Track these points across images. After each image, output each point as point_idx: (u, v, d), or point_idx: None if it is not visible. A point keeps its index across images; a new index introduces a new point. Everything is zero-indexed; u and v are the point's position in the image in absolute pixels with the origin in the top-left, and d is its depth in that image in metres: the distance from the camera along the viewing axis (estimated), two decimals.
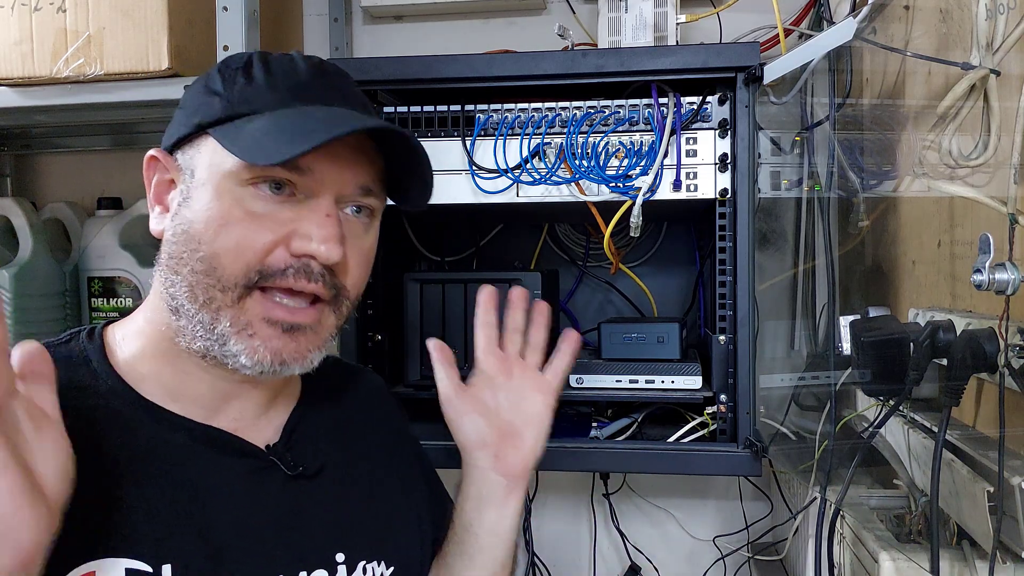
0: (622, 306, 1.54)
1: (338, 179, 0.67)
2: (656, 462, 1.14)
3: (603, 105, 1.13)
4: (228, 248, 0.63)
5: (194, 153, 0.66)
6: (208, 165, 0.65)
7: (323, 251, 0.64)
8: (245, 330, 0.64)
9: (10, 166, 1.71)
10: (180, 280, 0.65)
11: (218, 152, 0.64)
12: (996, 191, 0.82)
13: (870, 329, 0.98)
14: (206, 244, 0.64)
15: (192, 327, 0.65)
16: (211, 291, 0.64)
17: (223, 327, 0.64)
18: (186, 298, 0.65)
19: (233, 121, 0.65)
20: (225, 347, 0.65)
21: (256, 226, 0.64)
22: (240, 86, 0.66)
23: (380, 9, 1.61)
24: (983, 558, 0.82)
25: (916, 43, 1.06)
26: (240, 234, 0.63)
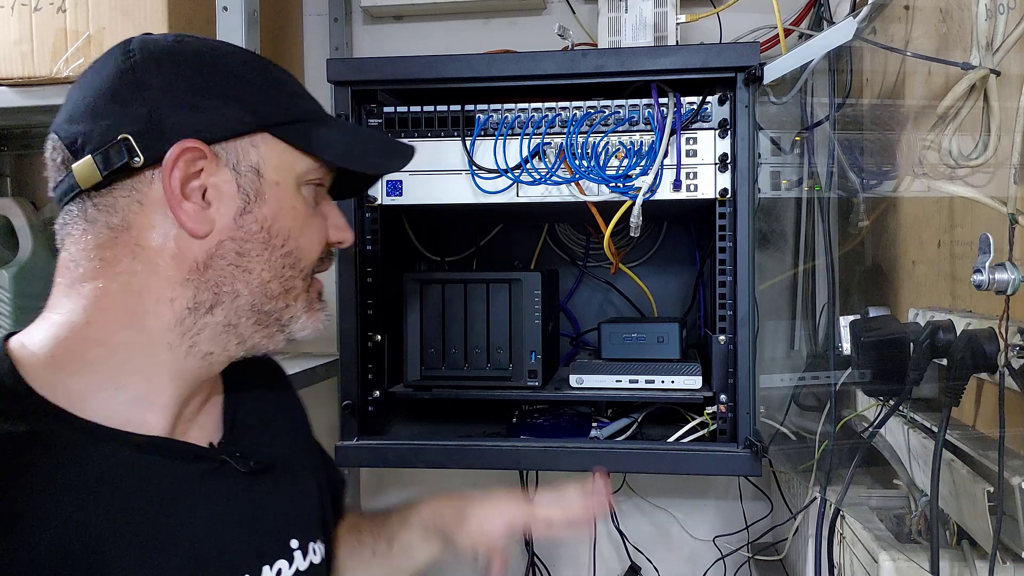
0: (622, 306, 1.54)
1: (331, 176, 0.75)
2: (656, 462, 1.14)
3: (603, 105, 1.13)
4: (311, 241, 0.70)
5: (250, 151, 0.66)
6: (278, 166, 0.67)
7: (350, 239, 0.75)
8: (313, 305, 0.72)
9: (10, 166, 1.71)
10: (249, 276, 0.66)
11: (284, 151, 0.68)
12: (996, 191, 0.82)
13: (870, 329, 0.98)
14: (293, 239, 0.68)
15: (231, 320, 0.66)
16: (292, 281, 0.69)
17: (295, 310, 0.70)
18: (251, 292, 0.66)
19: (295, 125, 0.68)
20: (288, 327, 0.70)
21: (319, 220, 0.72)
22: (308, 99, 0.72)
23: (380, 9, 1.61)
24: (983, 558, 0.82)
25: (916, 43, 1.06)
26: (314, 229, 0.71)
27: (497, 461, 1.17)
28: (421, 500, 0.91)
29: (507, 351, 1.19)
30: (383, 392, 1.23)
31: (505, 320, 1.19)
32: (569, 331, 1.54)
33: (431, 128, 1.17)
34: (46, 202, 1.61)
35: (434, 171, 1.17)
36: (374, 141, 0.79)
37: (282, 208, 0.67)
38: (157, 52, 0.65)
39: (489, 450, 1.16)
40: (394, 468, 1.65)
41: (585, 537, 1.65)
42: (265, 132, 0.66)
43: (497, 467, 1.19)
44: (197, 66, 0.66)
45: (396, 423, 1.30)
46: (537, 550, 1.65)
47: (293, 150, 0.68)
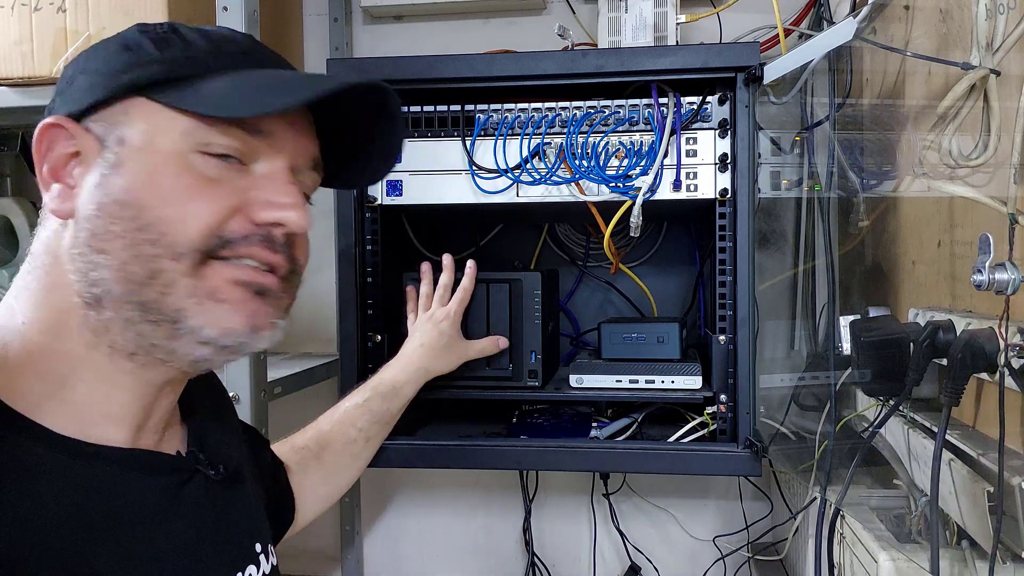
0: (622, 306, 1.54)
1: (295, 147, 0.63)
2: (656, 462, 1.14)
3: (603, 105, 1.13)
4: (181, 213, 0.56)
5: (122, 121, 0.58)
6: (147, 129, 0.58)
7: (294, 218, 0.60)
8: (210, 297, 0.58)
9: (10, 166, 1.71)
10: (106, 260, 0.56)
11: (160, 114, 0.58)
12: (996, 191, 0.82)
13: (870, 329, 0.98)
14: (150, 209, 0.56)
15: (124, 315, 0.57)
16: (158, 261, 0.56)
17: (177, 299, 0.57)
18: (115, 279, 0.56)
19: (176, 84, 0.58)
20: (179, 324, 0.57)
21: (212, 190, 0.58)
22: (179, 47, 0.60)
23: (380, 9, 1.61)
24: (983, 558, 0.82)
25: (916, 43, 1.06)
26: (195, 197, 0.57)
27: (497, 461, 1.17)
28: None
29: (507, 351, 1.19)
30: None
31: (505, 320, 1.19)
32: (569, 331, 1.54)
33: (431, 128, 1.17)
34: None
35: (434, 171, 1.17)
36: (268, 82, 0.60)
37: (141, 175, 0.57)
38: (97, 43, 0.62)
39: (489, 450, 1.16)
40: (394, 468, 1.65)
41: (585, 537, 1.65)
42: (140, 96, 0.58)
43: (497, 467, 1.19)
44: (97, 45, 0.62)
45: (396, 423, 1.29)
46: (537, 550, 1.65)
47: (171, 112, 0.58)
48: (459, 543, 1.70)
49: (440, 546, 1.71)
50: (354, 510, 1.68)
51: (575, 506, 1.66)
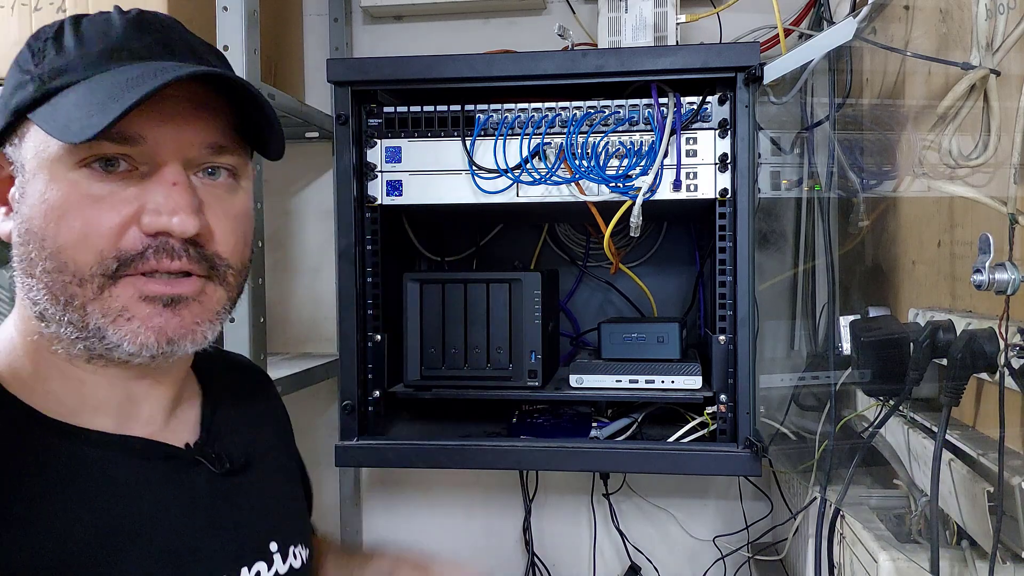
0: (622, 306, 1.54)
1: (178, 142, 0.60)
2: (656, 462, 1.14)
3: (603, 105, 1.13)
4: (73, 239, 0.57)
5: (20, 143, 0.59)
6: (35, 154, 0.58)
7: (175, 224, 0.58)
8: (121, 315, 0.58)
9: None
10: (36, 283, 0.58)
11: (39, 136, 0.57)
12: (996, 191, 0.82)
13: (870, 329, 0.98)
14: (50, 239, 0.57)
15: (63, 330, 0.59)
16: (69, 288, 0.57)
17: (95, 320, 0.58)
18: (48, 301, 0.58)
19: (50, 100, 0.58)
20: (105, 340, 0.58)
21: (98, 209, 0.57)
22: (50, 58, 0.59)
23: (380, 9, 1.61)
24: (983, 558, 0.82)
25: (916, 43, 1.06)
26: (83, 221, 0.57)
27: (497, 461, 1.17)
28: (382, 552, 0.88)
29: (507, 351, 1.19)
30: (383, 392, 1.23)
31: (505, 320, 1.19)
32: (569, 331, 1.54)
33: (431, 128, 1.17)
34: None
35: (434, 171, 1.17)
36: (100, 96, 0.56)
37: (37, 204, 0.57)
38: None
39: (489, 450, 1.16)
40: (394, 468, 1.65)
41: (585, 537, 1.65)
42: (26, 119, 0.58)
43: (497, 467, 1.19)
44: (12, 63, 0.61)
45: (396, 423, 1.30)
46: (537, 550, 1.65)
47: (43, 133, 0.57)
48: (459, 543, 1.70)
49: (440, 546, 1.71)
50: (354, 510, 1.68)
51: (575, 506, 1.66)
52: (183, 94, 0.59)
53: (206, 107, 0.61)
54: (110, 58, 0.59)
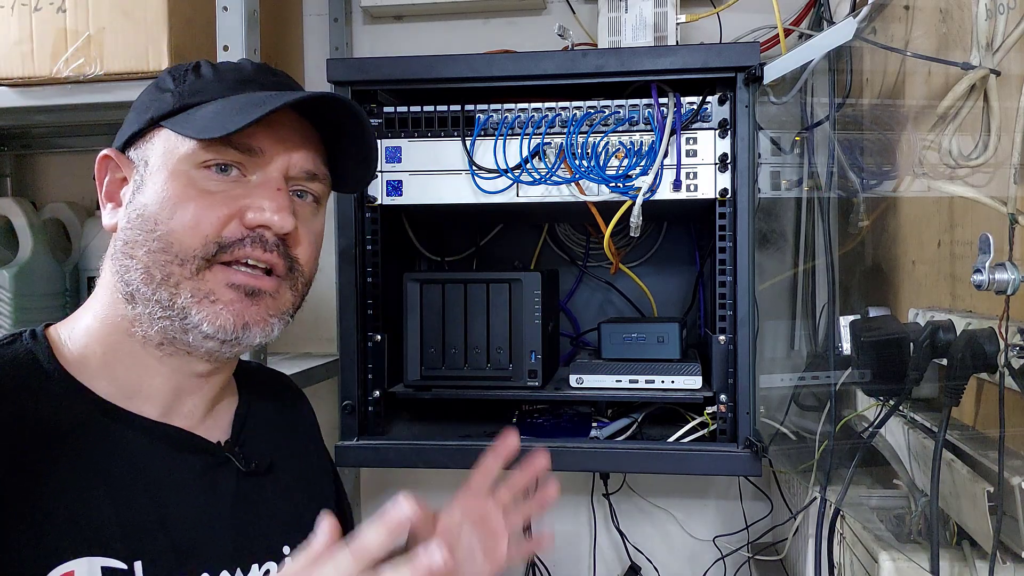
0: (622, 306, 1.54)
1: (286, 159, 0.71)
2: (656, 462, 1.14)
3: (603, 105, 1.13)
4: (184, 224, 0.66)
5: (147, 146, 0.70)
6: (162, 153, 0.69)
7: (276, 220, 0.68)
8: (207, 297, 0.67)
9: (10, 166, 1.71)
10: (135, 264, 0.67)
11: (171, 139, 0.69)
12: (996, 191, 0.82)
13: (870, 329, 0.98)
14: (163, 223, 0.66)
15: (149, 310, 0.67)
16: (169, 267, 0.66)
17: (184, 299, 0.66)
18: (142, 280, 0.67)
19: (184, 111, 0.69)
20: (186, 320, 0.66)
21: (210, 202, 0.67)
22: (190, 81, 0.71)
23: (380, 9, 1.61)
24: (983, 558, 0.82)
25: (916, 43, 1.06)
26: (195, 210, 0.67)
27: None
28: None
29: (507, 351, 1.19)
30: (383, 392, 1.23)
31: (505, 320, 1.19)
32: (569, 331, 1.54)
33: (431, 128, 1.17)
34: (46, 202, 1.61)
35: (434, 171, 1.17)
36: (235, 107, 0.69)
37: (156, 192, 0.68)
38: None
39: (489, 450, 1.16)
40: (394, 468, 1.65)
41: (585, 537, 1.65)
42: (160, 127, 0.70)
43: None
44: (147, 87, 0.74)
45: (396, 423, 1.30)
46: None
47: (178, 136, 0.68)
48: None
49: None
50: (354, 510, 1.68)
51: (575, 506, 1.66)
52: (295, 125, 0.72)
53: (309, 140, 0.73)
54: (242, 86, 0.71)
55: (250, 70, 0.74)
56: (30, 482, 0.61)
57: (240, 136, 0.67)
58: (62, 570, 0.59)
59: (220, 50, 1.13)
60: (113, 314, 0.69)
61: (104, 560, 0.62)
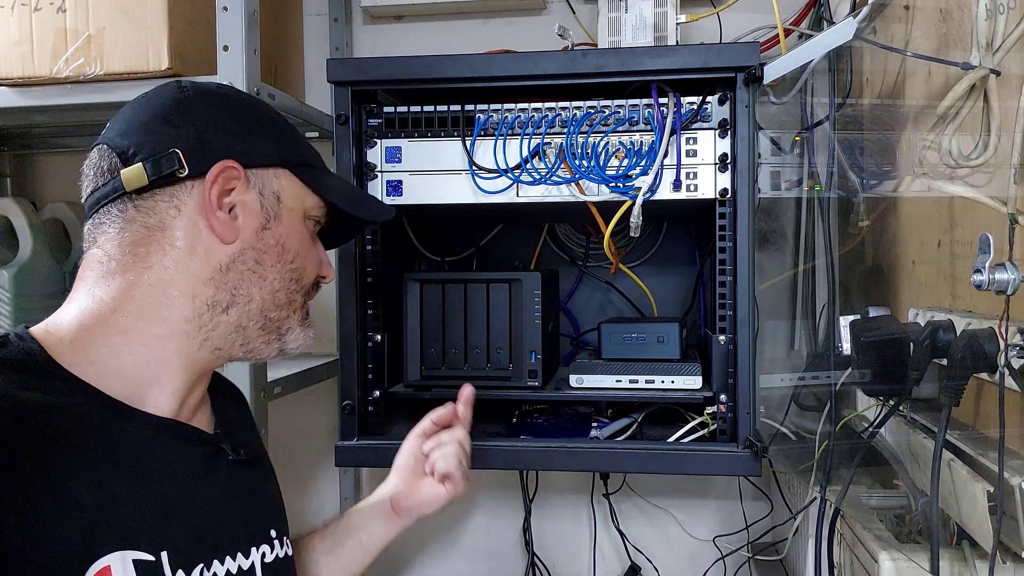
0: (622, 306, 1.54)
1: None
2: (656, 462, 1.14)
3: (603, 105, 1.13)
4: (311, 263, 0.81)
5: (276, 184, 0.78)
6: (293, 196, 0.79)
7: (332, 276, 0.86)
8: (305, 320, 0.82)
9: (10, 166, 1.71)
10: (263, 283, 0.76)
11: (300, 188, 0.80)
12: (996, 191, 0.82)
13: (870, 329, 0.98)
14: (299, 257, 0.79)
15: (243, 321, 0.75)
16: (295, 295, 0.80)
17: (293, 321, 0.80)
18: (261, 297, 0.76)
19: (306, 168, 0.81)
20: (284, 339, 0.80)
21: (316, 252, 0.83)
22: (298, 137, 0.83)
23: (380, 9, 1.61)
24: (983, 558, 0.82)
25: (916, 43, 1.06)
26: (313, 255, 0.82)
27: (497, 461, 1.17)
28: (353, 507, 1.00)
29: (507, 351, 1.19)
30: (383, 392, 1.23)
31: (505, 320, 1.19)
32: (569, 331, 1.54)
33: (431, 128, 1.17)
34: (46, 202, 1.61)
35: (434, 171, 1.17)
36: (363, 194, 0.94)
37: (293, 230, 0.79)
38: (205, 89, 0.78)
39: (489, 450, 1.16)
40: None
41: (585, 537, 1.65)
42: (286, 168, 0.79)
43: (497, 467, 1.19)
44: (238, 105, 0.79)
45: (396, 423, 1.29)
46: (537, 550, 1.65)
47: (305, 187, 0.80)
48: (459, 543, 1.70)
49: (440, 546, 1.71)
50: None
51: (575, 506, 1.66)
52: None
53: None
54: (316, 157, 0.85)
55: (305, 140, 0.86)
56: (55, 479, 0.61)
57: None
58: (100, 565, 0.61)
59: (220, 50, 1.13)
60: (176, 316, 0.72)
61: (134, 553, 0.63)
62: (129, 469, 0.67)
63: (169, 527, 0.68)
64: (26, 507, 0.58)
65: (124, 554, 0.63)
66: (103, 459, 0.65)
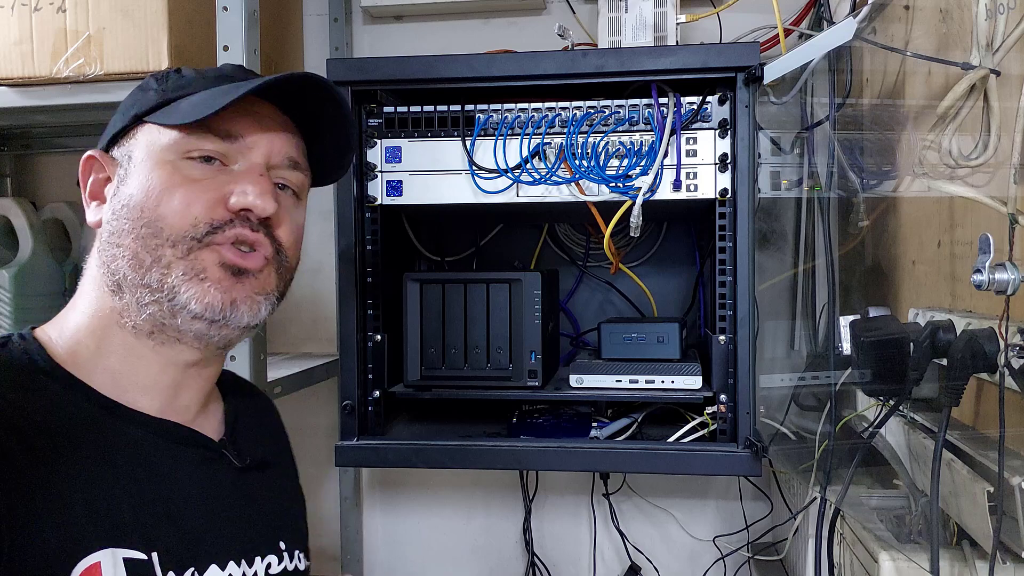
0: (622, 306, 1.54)
1: (268, 145, 0.74)
2: (656, 462, 1.14)
3: (603, 105, 1.13)
4: (174, 208, 0.69)
5: (131, 143, 0.73)
6: (146, 145, 0.72)
7: (259, 203, 0.70)
8: (197, 275, 0.69)
9: (10, 166, 1.71)
10: (122, 251, 0.69)
11: (154, 132, 0.72)
12: (996, 191, 0.82)
13: (870, 329, 0.98)
14: (149, 209, 0.69)
15: (137, 296, 0.69)
16: (159, 250, 0.68)
17: (174, 278, 0.68)
18: (130, 267, 0.69)
19: (167, 105, 0.72)
20: (175, 300, 0.68)
21: (196, 187, 0.70)
22: (172, 79, 0.75)
23: (380, 9, 1.61)
24: (983, 558, 0.82)
25: (916, 43, 1.06)
26: (183, 194, 0.69)
27: (497, 461, 1.17)
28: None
29: (507, 351, 1.19)
30: (383, 392, 1.23)
31: (505, 320, 1.19)
32: (569, 331, 1.54)
33: (431, 128, 1.17)
34: (46, 202, 1.61)
35: (434, 171, 1.17)
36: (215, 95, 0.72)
37: (141, 182, 0.70)
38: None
39: (489, 450, 1.16)
40: (394, 468, 1.65)
41: (585, 537, 1.65)
42: (143, 123, 0.73)
43: (497, 467, 1.19)
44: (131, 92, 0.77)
45: (396, 423, 1.30)
46: (537, 550, 1.65)
47: (161, 128, 0.71)
48: (459, 543, 1.70)
49: (440, 546, 1.71)
50: (354, 510, 1.68)
51: (575, 506, 1.66)
52: (275, 116, 0.75)
53: (289, 128, 0.77)
54: (222, 82, 0.74)
55: (230, 68, 0.78)
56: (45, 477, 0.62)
57: (220, 123, 0.70)
58: (88, 561, 0.61)
59: (220, 50, 1.13)
60: (102, 307, 0.71)
61: (125, 551, 0.63)
62: (121, 468, 0.67)
63: (160, 528, 0.67)
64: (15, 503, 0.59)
65: (115, 552, 0.63)
66: (95, 457, 0.65)
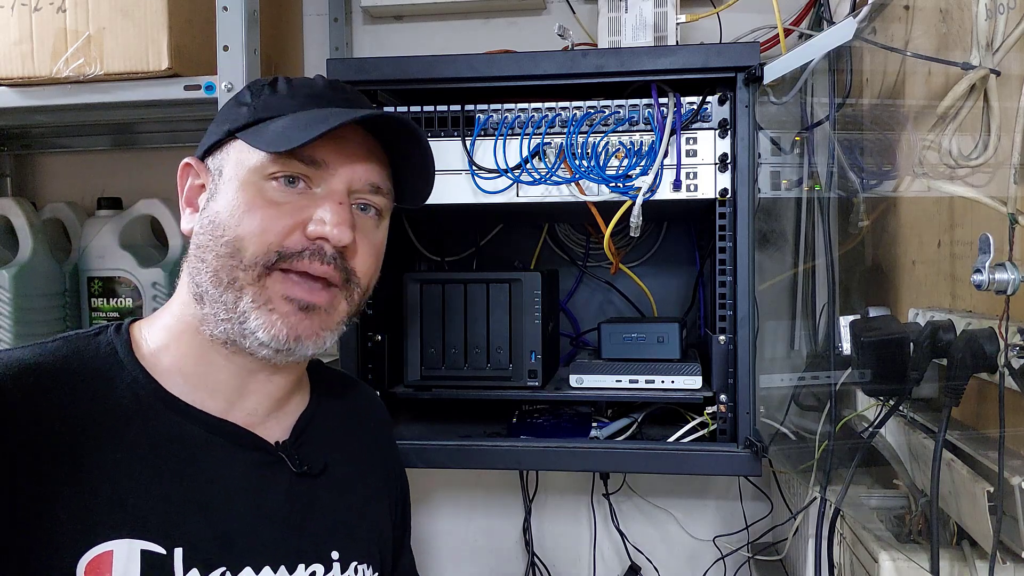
0: (622, 306, 1.54)
1: (350, 173, 0.74)
2: (656, 462, 1.13)
3: (603, 105, 1.13)
4: (251, 231, 0.70)
5: (223, 156, 0.75)
6: (235, 163, 0.73)
7: (335, 233, 0.71)
8: (265, 305, 0.71)
9: (10, 166, 1.71)
10: (205, 267, 0.72)
11: (244, 151, 0.73)
12: (996, 191, 0.82)
13: (870, 329, 0.98)
14: (231, 229, 0.71)
15: (215, 311, 0.71)
16: (235, 271, 0.70)
17: (245, 304, 0.70)
18: (210, 282, 0.71)
19: (257, 124, 0.73)
20: (245, 324, 0.70)
21: (275, 212, 0.71)
22: (265, 96, 0.75)
23: (380, 9, 1.61)
24: (983, 558, 0.82)
25: (916, 43, 1.06)
26: (261, 219, 0.70)
27: (497, 461, 1.17)
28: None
29: (507, 351, 1.19)
30: (383, 392, 1.23)
31: (505, 320, 1.19)
32: (569, 331, 1.54)
33: (431, 128, 1.17)
34: (46, 202, 1.61)
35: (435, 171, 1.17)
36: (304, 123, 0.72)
37: (227, 201, 0.72)
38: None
39: (489, 450, 1.16)
40: None
41: (585, 537, 1.65)
42: (235, 139, 0.74)
43: (497, 467, 1.19)
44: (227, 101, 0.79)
45: (397, 423, 1.30)
46: (537, 550, 1.65)
47: (250, 148, 0.73)
48: (459, 543, 1.70)
49: (440, 546, 1.71)
50: None
51: (575, 506, 1.66)
52: (360, 140, 0.76)
53: (374, 154, 0.77)
54: (313, 102, 0.75)
55: (322, 86, 0.78)
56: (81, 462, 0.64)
57: (306, 150, 0.71)
58: (100, 549, 0.63)
59: (220, 50, 1.13)
60: (186, 313, 0.74)
61: (144, 543, 0.64)
62: (165, 463, 0.68)
63: (190, 524, 0.68)
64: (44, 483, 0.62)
65: (132, 542, 0.64)
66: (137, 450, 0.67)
